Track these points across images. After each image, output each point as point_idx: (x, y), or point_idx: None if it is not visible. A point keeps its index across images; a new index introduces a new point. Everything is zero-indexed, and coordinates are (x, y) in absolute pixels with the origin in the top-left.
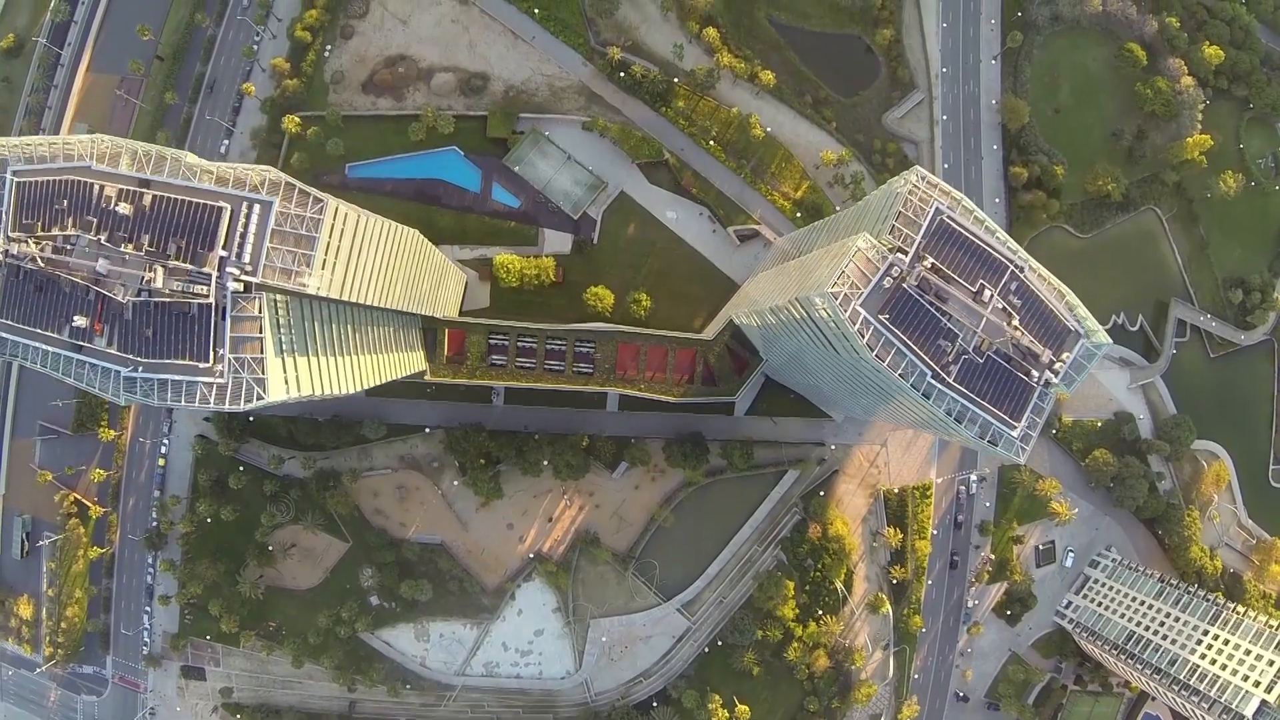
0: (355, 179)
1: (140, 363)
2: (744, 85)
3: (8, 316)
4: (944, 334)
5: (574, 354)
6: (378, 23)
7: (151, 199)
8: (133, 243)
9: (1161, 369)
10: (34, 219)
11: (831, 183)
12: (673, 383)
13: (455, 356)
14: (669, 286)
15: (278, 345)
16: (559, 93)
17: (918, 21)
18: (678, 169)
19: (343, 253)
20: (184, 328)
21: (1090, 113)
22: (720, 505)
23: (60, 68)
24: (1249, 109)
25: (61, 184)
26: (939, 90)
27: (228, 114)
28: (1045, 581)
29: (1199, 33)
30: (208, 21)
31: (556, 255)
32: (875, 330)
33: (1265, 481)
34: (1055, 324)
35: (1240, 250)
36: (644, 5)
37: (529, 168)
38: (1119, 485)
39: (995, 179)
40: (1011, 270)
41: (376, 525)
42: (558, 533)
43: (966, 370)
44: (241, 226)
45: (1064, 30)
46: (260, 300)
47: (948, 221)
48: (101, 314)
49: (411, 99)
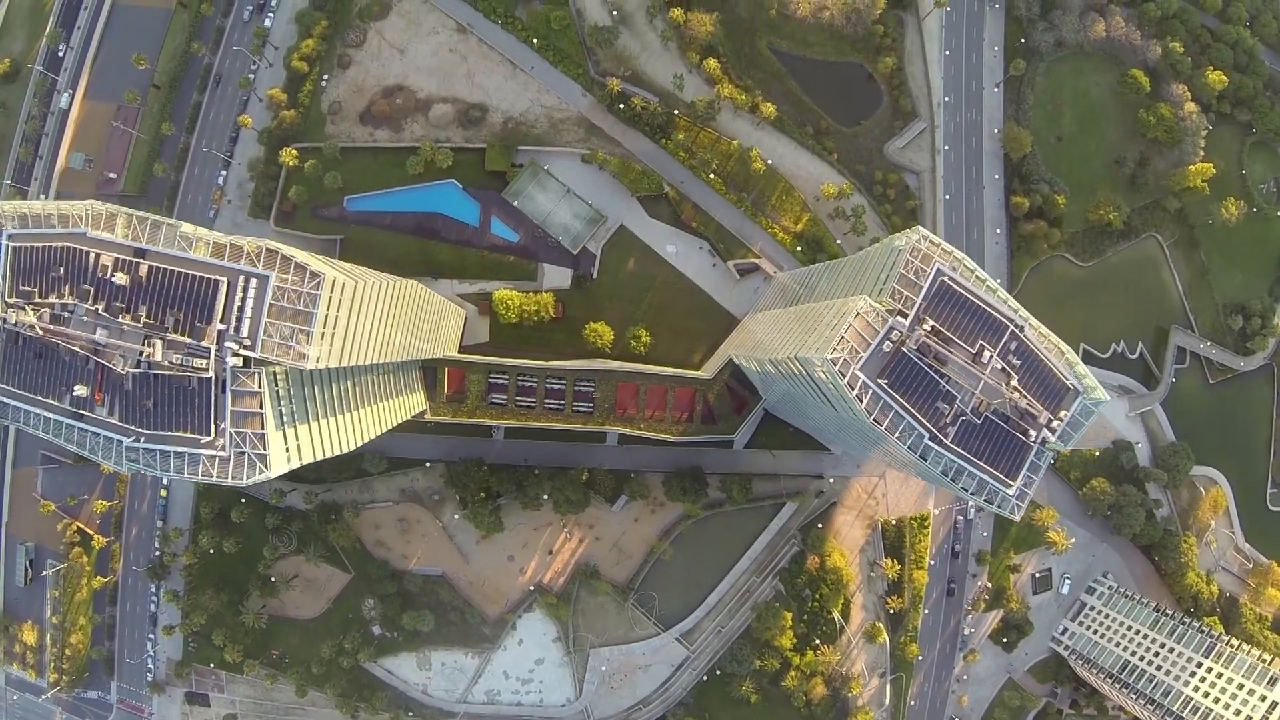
0: (354, 212)
1: (142, 433)
2: (745, 116)
3: (8, 382)
4: (942, 396)
5: (573, 393)
6: (375, 52)
7: (148, 270)
8: (130, 313)
9: (1161, 396)
10: (31, 285)
11: (833, 215)
12: (672, 421)
13: (455, 395)
14: (669, 321)
15: (278, 418)
16: (558, 124)
17: (920, 48)
18: (678, 202)
19: (340, 322)
20: (184, 400)
21: (1093, 140)
22: (719, 537)
23: (57, 94)
24: (1251, 134)
25: (57, 250)
26: (941, 119)
27: (225, 144)
28: (1041, 608)
29: (1202, 56)
30: (204, 50)
31: (556, 290)
32: (873, 395)
33: (1263, 505)
34: (1054, 382)
35: (1241, 276)
36: (644, 34)
37: (528, 201)
38: (1116, 514)
39: (996, 209)
40: (1011, 330)
41: (378, 557)
42: (558, 565)
43: (964, 431)
44: (239, 300)
45: (1067, 56)
46: (260, 375)
47: (948, 283)
48: (102, 384)
49: (409, 130)
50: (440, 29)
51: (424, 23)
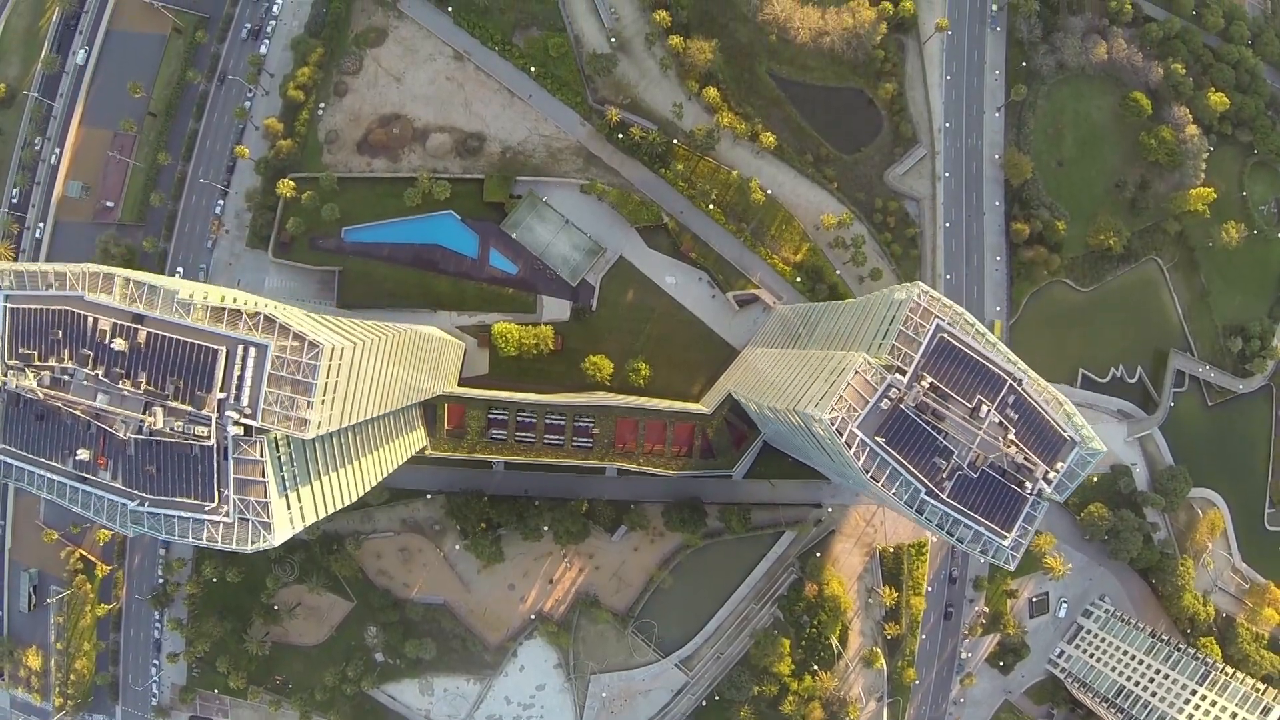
0: (352, 243)
1: (145, 498)
2: (744, 144)
3: (9, 443)
4: (939, 451)
5: (573, 428)
6: (371, 80)
7: (146, 336)
8: (130, 379)
9: (1159, 420)
10: (30, 347)
11: (832, 244)
12: (671, 456)
13: (455, 430)
14: (668, 353)
15: (280, 484)
16: (556, 153)
17: (921, 73)
18: (677, 233)
19: (340, 387)
20: (187, 466)
21: (1093, 164)
22: (718, 566)
23: (53, 120)
24: (1253, 154)
25: (55, 313)
26: (941, 145)
27: (221, 174)
28: (1038, 631)
29: (1204, 76)
30: (199, 78)
31: (555, 322)
32: (870, 452)
33: (1260, 525)
34: (1051, 433)
35: (1241, 297)
36: (643, 62)
37: (526, 232)
38: (1114, 538)
39: (996, 235)
40: (1010, 384)
41: (380, 586)
42: (558, 593)
43: (960, 485)
44: (238, 369)
45: (1068, 78)
46: (261, 444)
47: (948, 339)
48: (104, 448)
49: (407, 160)
50: (437, 56)
51: (421, 50)
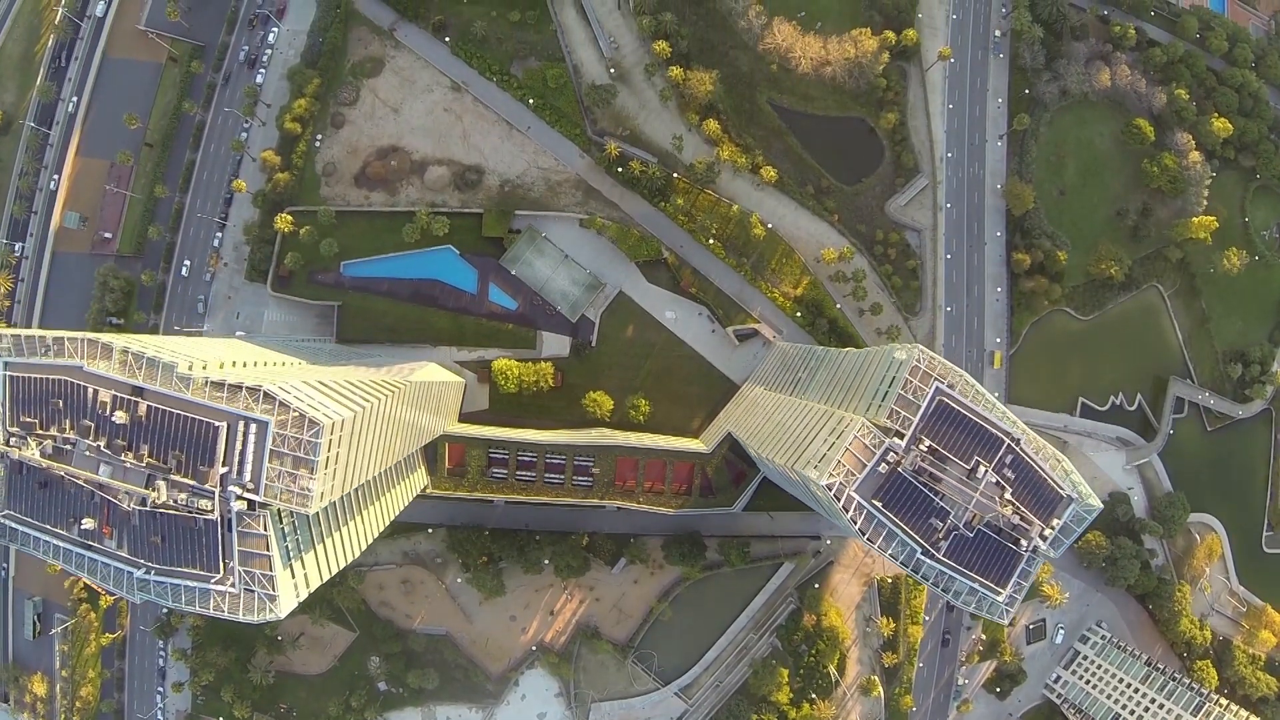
0: (351, 278)
1: (152, 567)
2: (745, 176)
3: (14, 509)
4: (936, 513)
5: (573, 467)
6: (369, 111)
7: (147, 409)
8: (133, 452)
9: (1158, 447)
10: (32, 416)
11: (833, 278)
12: (671, 494)
13: (456, 469)
14: (668, 387)
15: (284, 555)
16: (555, 187)
17: (923, 102)
18: (677, 267)
19: (342, 457)
20: (192, 538)
21: (1095, 192)
22: (717, 597)
23: (49, 148)
24: (1255, 179)
25: (55, 383)
26: (943, 174)
27: (219, 205)
28: (1035, 657)
29: (1207, 101)
30: (195, 109)
31: (555, 358)
32: (867, 515)
33: (1258, 547)
34: (1047, 491)
35: (1241, 322)
36: (643, 92)
37: (526, 267)
38: (1111, 566)
39: (997, 265)
40: (1007, 444)
41: (383, 617)
42: (559, 624)
43: (956, 544)
44: (239, 444)
45: (1071, 105)
46: (265, 518)
47: (946, 402)
48: (109, 517)
49: (405, 193)
50: (435, 87)
51: (418, 80)
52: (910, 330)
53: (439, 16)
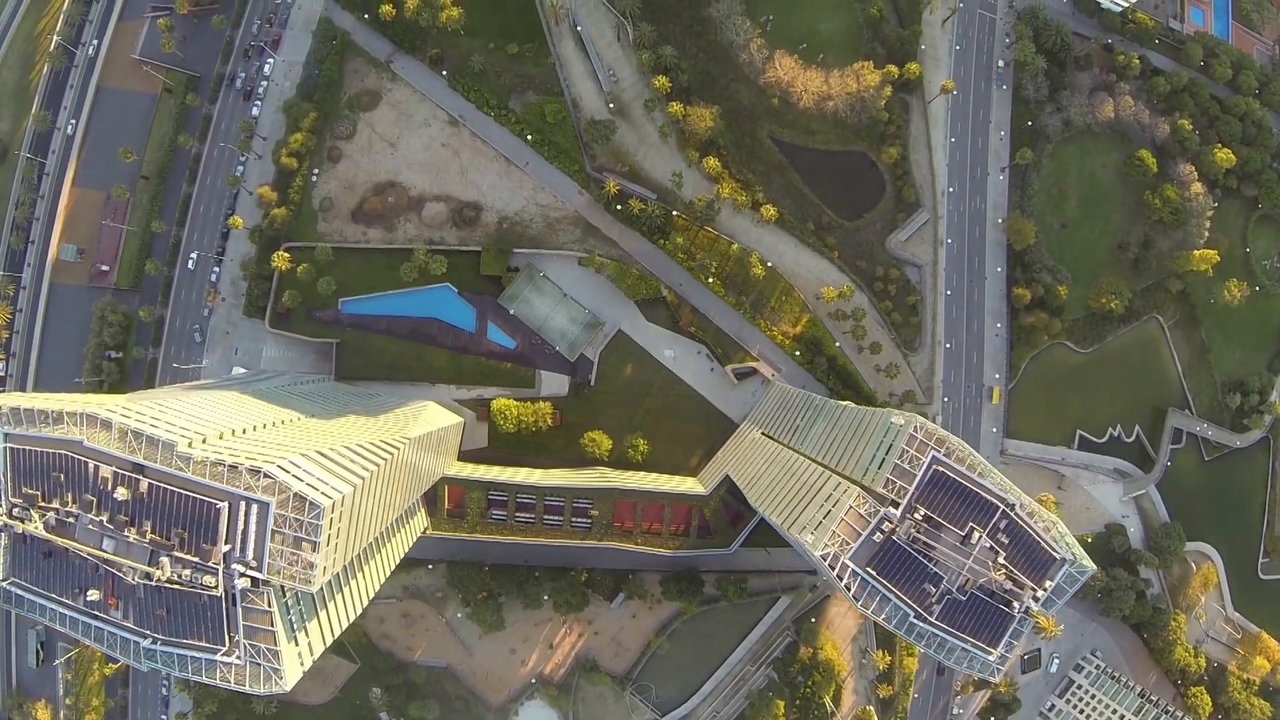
0: (349, 315)
1: (158, 637)
2: (745, 212)
3: (20, 577)
4: (929, 578)
5: (572, 508)
6: (365, 145)
7: (148, 487)
8: (136, 528)
9: (1155, 478)
10: (34, 488)
11: (832, 315)
12: (669, 534)
13: (455, 510)
14: (666, 426)
15: (289, 629)
16: (554, 224)
17: (925, 135)
18: (676, 306)
19: (344, 530)
20: (197, 612)
21: (1097, 224)
22: (715, 631)
23: (46, 177)
24: (1258, 208)
25: (56, 456)
26: (944, 209)
27: (216, 239)
28: (1030, 686)
29: (1210, 130)
30: (191, 142)
31: (553, 397)
32: (861, 581)
33: (1254, 574)
34: (1041, 554)
35: (1240, 352)
36: (642, 127)
37: (524, 306)
38: (1106, 597)
39: (998, 300)
40: (1002, 510)
41: (384, 649)
42: (558, 657)
43: (948, 607)
44: (241, 524)
45: (1074, 136)
46: (269, 594)
47: (942, 470)
48: (113, 589)
49: (403, 230)
50: (432, 121)
51: (415, 114)
52: (909, 366)
53: (435, 50)
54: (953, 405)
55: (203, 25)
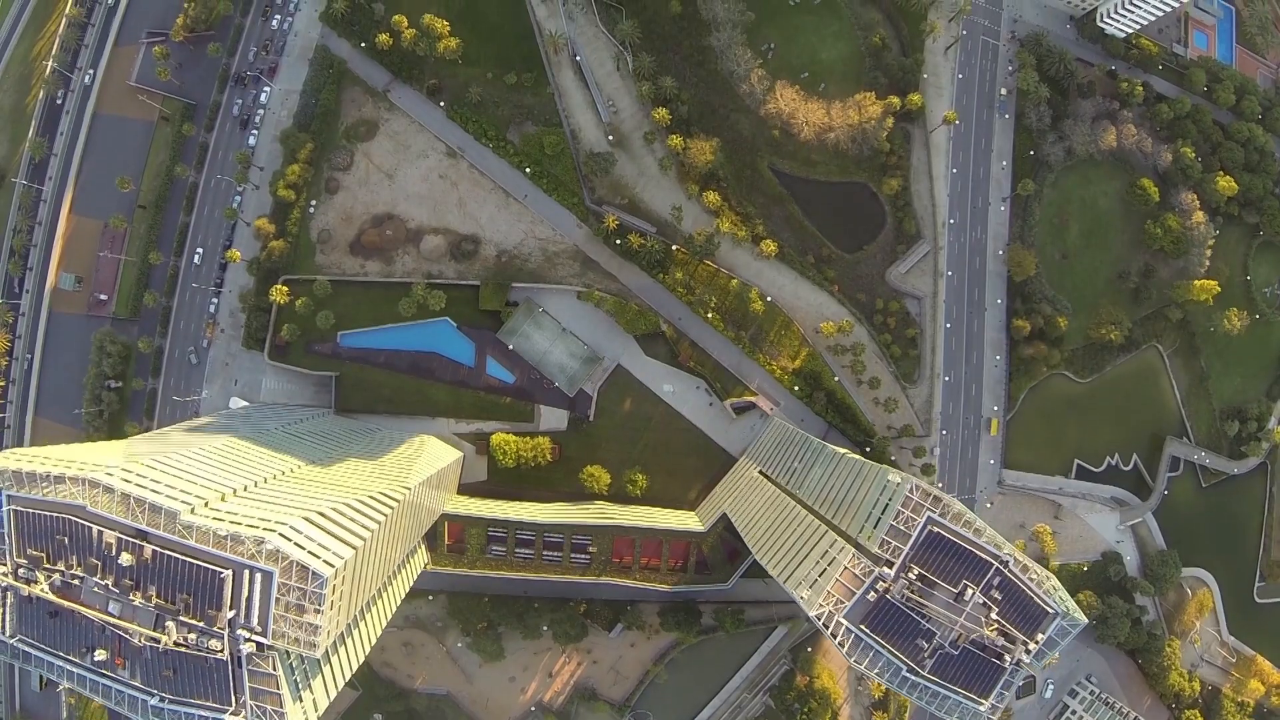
0: (348, 348)
1: (165, 696)
2: (745, 246)
3: (26, 635)
4: (922, 634)
5: (571, 545)
6: (363, 177)
7: (152, 554)
8: (141, 592)
9: (1152, 506)
10: (39, 549)
11: (832, 349)
12: (667, 570)
13: (455, 546)
14: (665, 460)
15: (294, 690)
16: (553, 258)
17: (926, 165)
18: (675, 340)
19: (346, 592)
20: (204, 673)
21: (1098, 253)
22: (712, 660)
23: (43, 203)
24: (1259, 235)
25: (60, 520)
26: (945, 240)
27: (214, 270)
28: (1024, 712)
29: (1213, 157)
30: (188, 172)
31: (552, 432)
32: (855, 639)
33: (1249, 598)
34: (1033, 608)
35: (1240, 379)
36: (641, 159)
37: (523, 340)
38: (1102, 624)
39: (997, 331)
40: (995, 567)
41: (385, 676)
42: (557, 685)
43: (941, 661)
44: (246, 590)
45: (1076, 165)
46: (274, 658)
47: (937, 531)
48: (120, 649)
49: (401, 263)
50: (430, 152)
51: (413, 145)
52: (908, 399)
53: (433, 79)
54: (950, 437)
55: (199, 52)
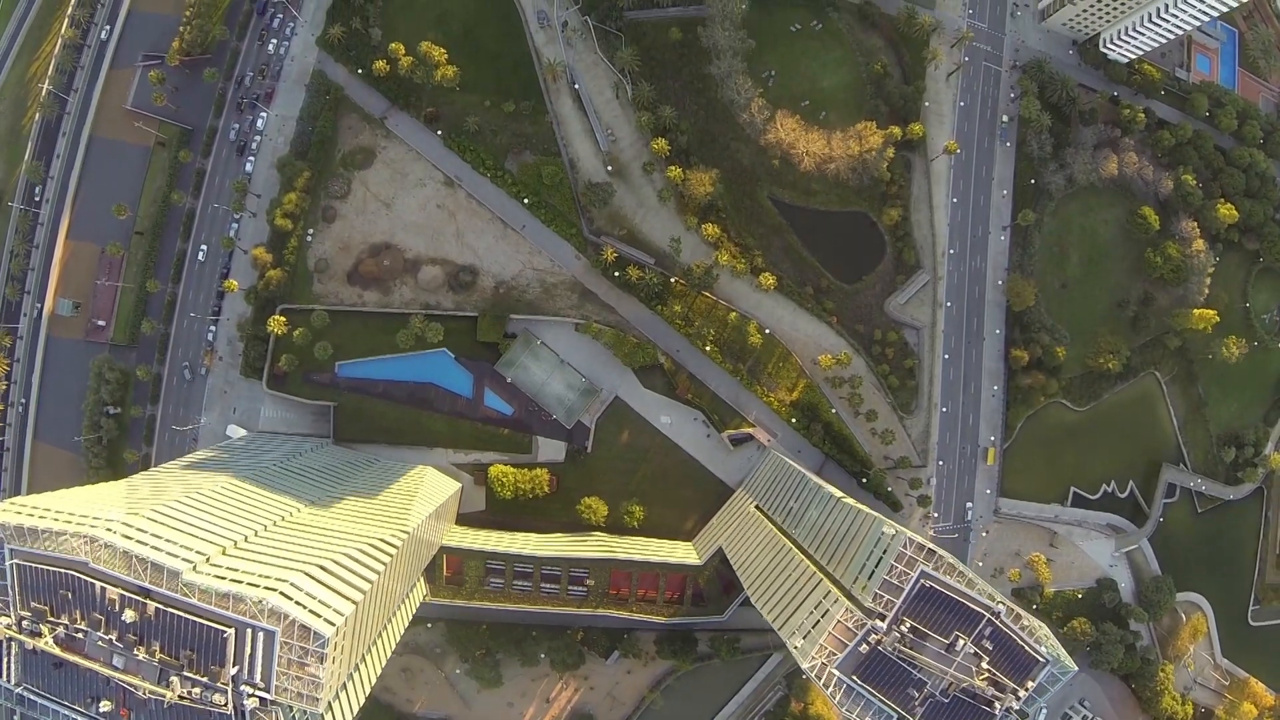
0: (346, 378)
1: None
2: (744, 278)
3: (31, 684)
4: (914, 684)
5: (569, 577)
6: (360, 205)
7: (155, 610)
8: (145, 647)
9: (1148, 533)
10: (42, 603)
11: (829, 381)
12: (664, 602)
13: (454, 578)
14: (662, 491)
15: None
16: (551, 289)
17: (926, 194)
18: (672, 373)
19: (348, 646)
20: None
21: (1097, 282)
22: (708, 686)
23: (40, 227)
24: (1259, 262)
25: (62, 575)
26: (945, 270)
27: (211, 298)
28: None
29: (1214, 183)
30: (185, 198)
31: (550, 463)
32: (847, 689)
33: (1244, 621)
34: (1024, 656)
35: (1237, 405)
36: (640, 190)
37: (521, 372)
38: (1096, 650)
39: (995, 360)
40: (987, 618)
41: (384, 701)
42: (555, 710)
43: (931, 710)
44: (249, 648)
45: (1077, 193)
46: (276, 713)
47: (930, 584)
48: (125, 700)
49: (399, 293)
50: (427, 181)
51: (410, 174)
52: (905, 429)
53: (431, 108)
54: (947, 467)
55: (194, 76)
